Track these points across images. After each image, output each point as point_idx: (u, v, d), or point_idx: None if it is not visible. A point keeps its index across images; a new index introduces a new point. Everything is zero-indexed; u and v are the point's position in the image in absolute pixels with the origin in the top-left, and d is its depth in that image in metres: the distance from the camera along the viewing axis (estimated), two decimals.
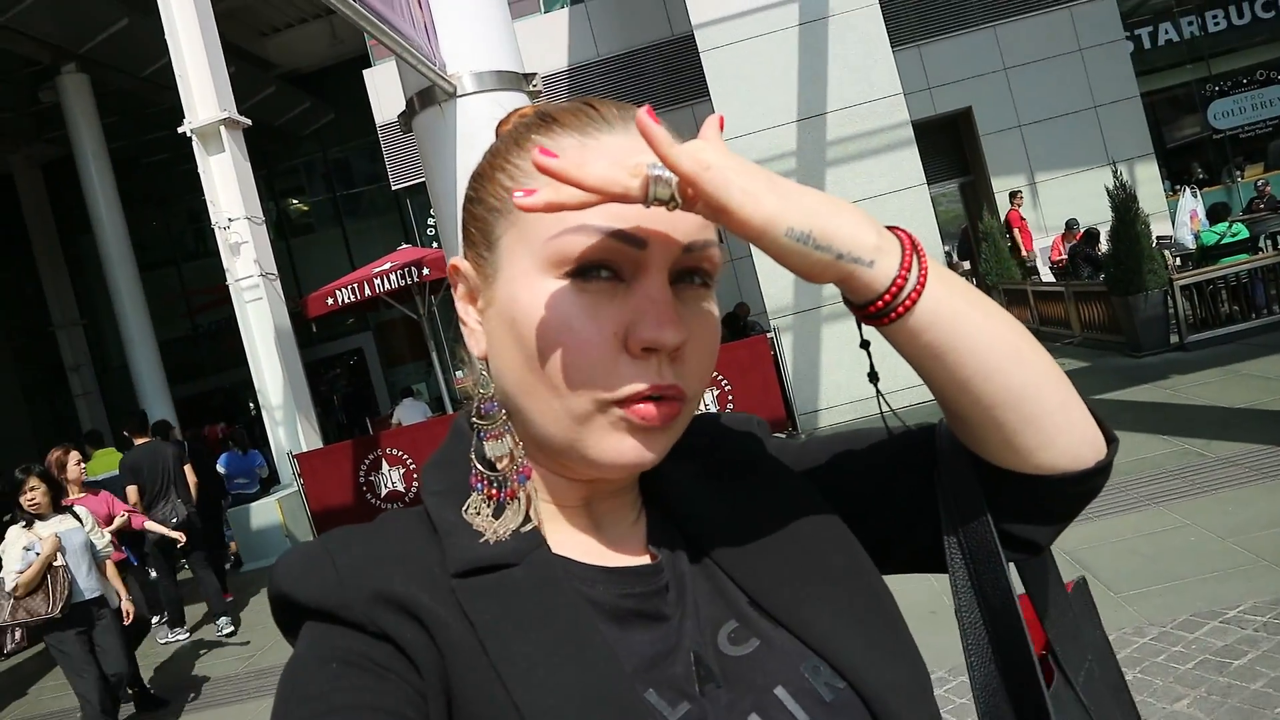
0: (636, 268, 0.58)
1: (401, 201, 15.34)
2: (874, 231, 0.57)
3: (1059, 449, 0.63)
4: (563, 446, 0.60)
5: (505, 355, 0.61)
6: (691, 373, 0.60)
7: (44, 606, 4.61)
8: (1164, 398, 6.80)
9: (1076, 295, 9.78)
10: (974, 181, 14.59)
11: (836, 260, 0.55)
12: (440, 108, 4.68)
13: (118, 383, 17.51)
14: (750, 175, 0.53)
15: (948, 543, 0.70)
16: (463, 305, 0.66)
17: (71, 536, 4.89)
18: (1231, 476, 4.85)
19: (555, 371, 0.58)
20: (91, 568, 4.96)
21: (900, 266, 0.57)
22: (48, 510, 4.91)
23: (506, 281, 0.61)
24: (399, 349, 18.45)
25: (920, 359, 0.61)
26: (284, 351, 10.75)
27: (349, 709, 0.53)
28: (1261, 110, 15.71)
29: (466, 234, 0.66)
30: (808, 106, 8.75)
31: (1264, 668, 3.07)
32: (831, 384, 8.85)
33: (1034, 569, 0.76)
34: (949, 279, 0.61)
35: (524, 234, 0.60)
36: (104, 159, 14.59)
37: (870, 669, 0.61)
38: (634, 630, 0.62)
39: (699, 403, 0.63)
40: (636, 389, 0.57)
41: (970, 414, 0.63)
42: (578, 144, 0.60)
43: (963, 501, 0.69)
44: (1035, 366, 0.62)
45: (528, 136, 0.63)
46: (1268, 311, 8.32)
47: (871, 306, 0.58)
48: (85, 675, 4.76)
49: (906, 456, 0.73)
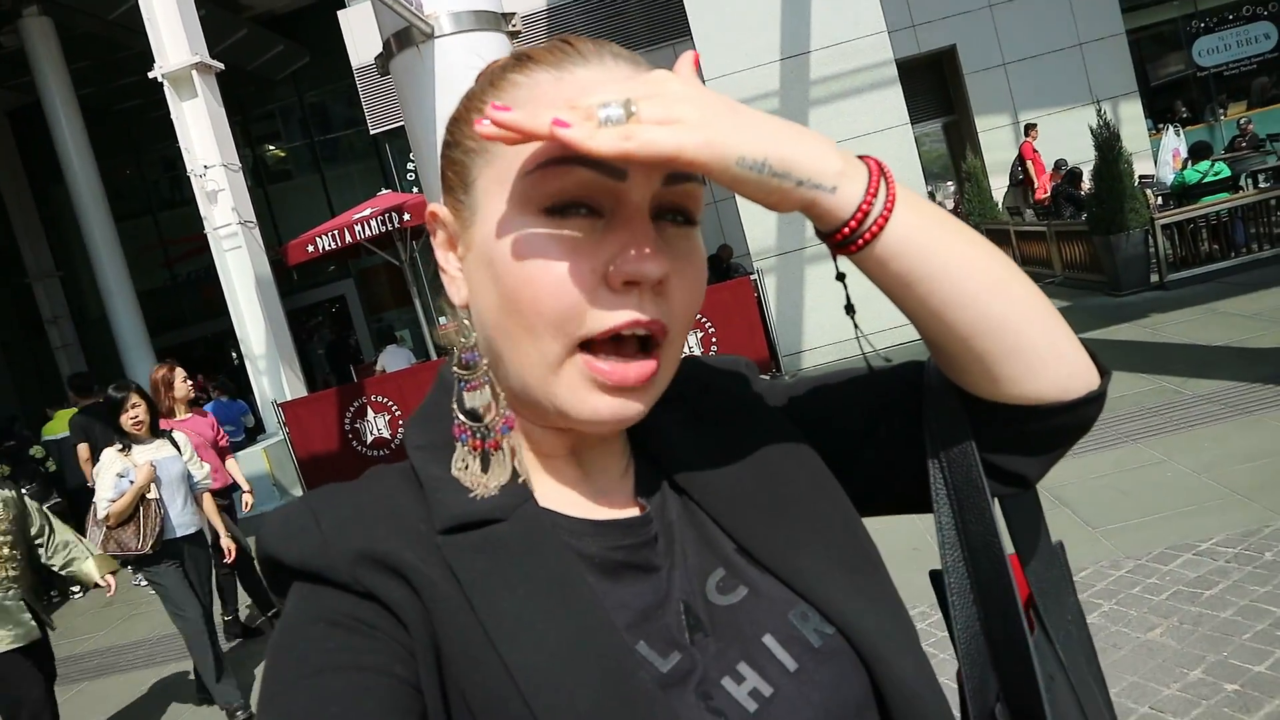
0: (616, 202, 0.57)
1: (380, 146, 15.09)
2: (838, 158, 0.56)
3: (1044, 380, 0.62)
4: (539, 398, 0.60)
5: (484, 300, 0.61)
6: (675, 308, 0.59)
7: (134, 541, 4.23)
8: (1144, 336, 6.87)
9: (1058, 234, 9.79)
10: (958, 121, 14.48)
11: (797, 187, 0.55)
12: (418, 49, 4.57)
13: (98, 335, 17.30)
14: (703, 106, 0.52)
15: (933, 478, 0.70)
16: (442, 253, 0.65)
17: (168, 466, 4.44)
18: (1208, 413, 4.93)
19: (531, 311, 0.57)
20: (188, 500, 4.53)
21: (866, 192, 0.56)
22: (146, 434, 4.44)
23: (483, 223, 0.60)
24: (381, 296, 18.32)
25: (893, 288, 0.61)
26: (265, 300, 10.67)
27: (337, 668, 0.53)
28: (1246, 47, 15.59)
29: (445, 179, 0.65)
30: (791, 45, 8.63)
31: (1233, 597, 3.16)
32: (815, 325, 8.88)
33: (1022, 519, 0.75)
34: (921, 206, 0.59)
35: (500, 174, 0.59)
36: (73, 106, 14.23)
37: (858, 614, 0.61)
38: (624, 583, 0.61)
39: (683, 343, 0.62)
40: (620, 319, 0.56)
41: (950, 345, 0.63)
42: (553, 78, 0.59)
43: (948, 435, 0.68)
44: (1015, 295, 0.61)
45: (503, 75, 0.62)
46: (1247, 250, 8.37)
47: (838, 234, 0.57)
48: (186, 612, 4.35)
49: (893, 394, 0.73)
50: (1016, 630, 0.67)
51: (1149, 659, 2.94)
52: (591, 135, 0.50)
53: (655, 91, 0.52)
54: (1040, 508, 0.76)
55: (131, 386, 4.43)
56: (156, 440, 4.51)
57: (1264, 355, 5.66)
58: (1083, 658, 0.76)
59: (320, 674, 0.53)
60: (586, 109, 0.51)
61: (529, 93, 0.59)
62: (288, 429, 8.98)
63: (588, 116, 0.51)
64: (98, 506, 4.23)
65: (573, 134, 0.50)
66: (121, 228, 15.00)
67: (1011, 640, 0.67)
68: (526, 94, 0.59)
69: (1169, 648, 2.97)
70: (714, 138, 0.52)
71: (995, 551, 0.68)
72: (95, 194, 14.21)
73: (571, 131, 0.50)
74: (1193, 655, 2.90)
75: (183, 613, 4.35)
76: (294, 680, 0.53)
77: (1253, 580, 3.23)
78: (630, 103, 0.51)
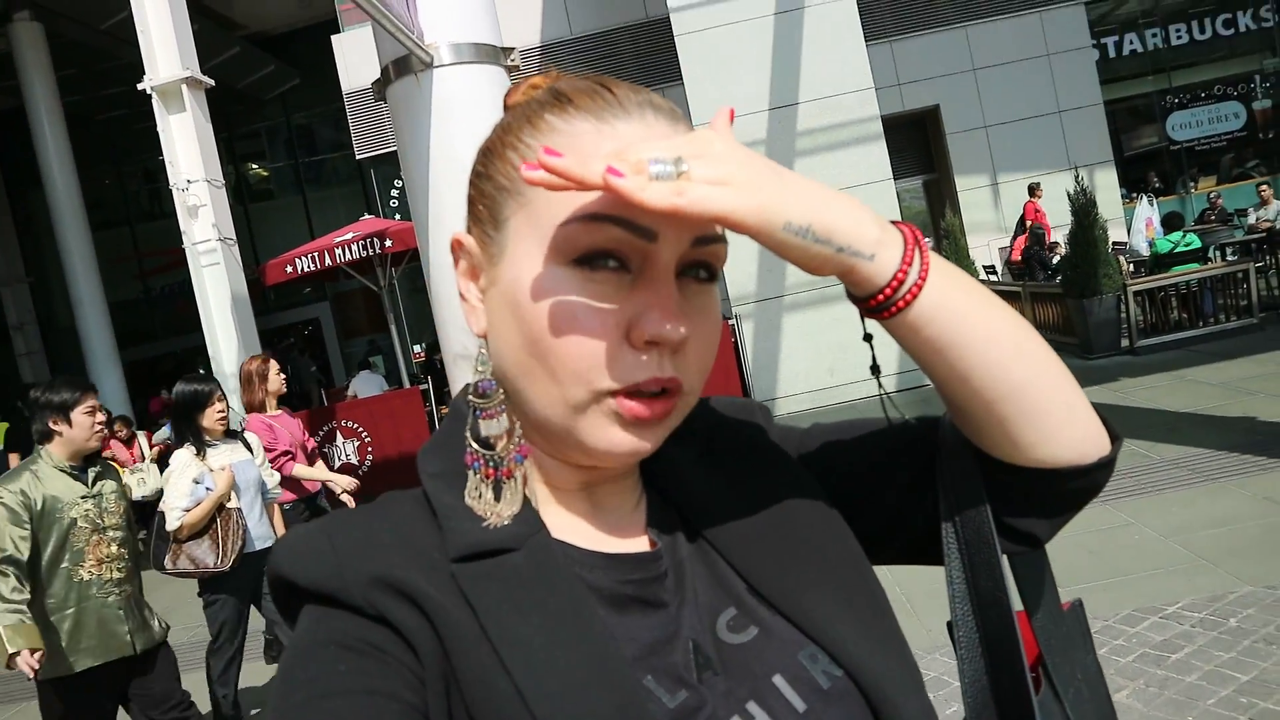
0: (644, 259, 0.57)
1: (365, 171, 15.11)
2: (876, 225, 0.57)
3: (1060, 443, 0.64)
4: (559, 432, 0.60)
5: (506, 336, 0.61)
6: (692, 366, 0.60)
7: (212, 557, 3.72)
8: (1114, 399, 6.98)
9: (1033, 295, 9.96)
10: (938, 179, 14.76)
11: (837, 254, 0.56)
12: (416, 77, 4.60)
13: (64, 343, 17.04)
14: (750, 168, 0.53)
15: (945, 532, 0.70)
16: (464, 281, 0.65)
17: (244, 470, 3.93)
18: (1175, 478, 5.00)
19: (556, 359, 0.57)
20: (263, 512, 4.02)
21: (902, 260, 0.58)
22: (220, 435, 3.96)
23: (512, 263, 0.60)
24: (357, 320, 18.22)
25: (922, 353, 0.62)
26: (240, 319, 10.56)
27: (346, 692, 0.53)
28: (1217, 124, 16.09)
29: (472, 209, 0.65)
30: (780, 95, 8.78)
31: (1198, 661, 3.18)
32: (790, 372, 8.93)
33: (1030, 578, 0.76)
34: (951, 274, 0.61)
35: (533, 217, 0.59)
36: (57, 113, 14.15)
37: (867, 658, 0.62)
38: (632, 616, 0.62)
39: (696, 397, 0.63)
40: (637, 381, 0.57)
41: (972, 408, 0.64)
42: (593, 129, 0.59)
43: (962, 492, 0.69)
44: (1037, 361, 0.63)
45: (541, 115, 0.61)
46: (1214, 320, 8.56)
47: (872, 300, 0.59)
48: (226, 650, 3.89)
49: (908, 446, 0.74)
50: (1022, 688, 0.67)
51: None
52: (644, 187, 0.50)
53: (703, 151, 0.53)
54: (1048, 565, 0.77)
55: (214, 380, 3.99)
56: (230, 442, 4.00)
57: (1229, 424, 5.76)
58: (1095, 717, 0.75)
59: (330, 697, 0.53)
60: (637, 162, 0.51)
61: (568, 140, 0.58)
62: None
63: (638, 170, 0.51)
64: (168, 517, 3.71)
65: (626, 184, 0.50)
66: (97, 237, 14.86)
67: (1018, 697, 0.68)
68: (566, 142, 0.58)
69: (1135, 710, 2.98)
70: (765, 201, 0.53)
71: (1004, 608, 0.68)
72: (73, 201, 14.08)
73: (625, 182, 0.50)
74: (1158, 719, 2.91)
75: (222, 650, 3.92)
76: (304, 703, 0.53)
77: (1217, 646, 3.25)
78: (681, 160, 0.52)
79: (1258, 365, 7.17)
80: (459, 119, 4.62)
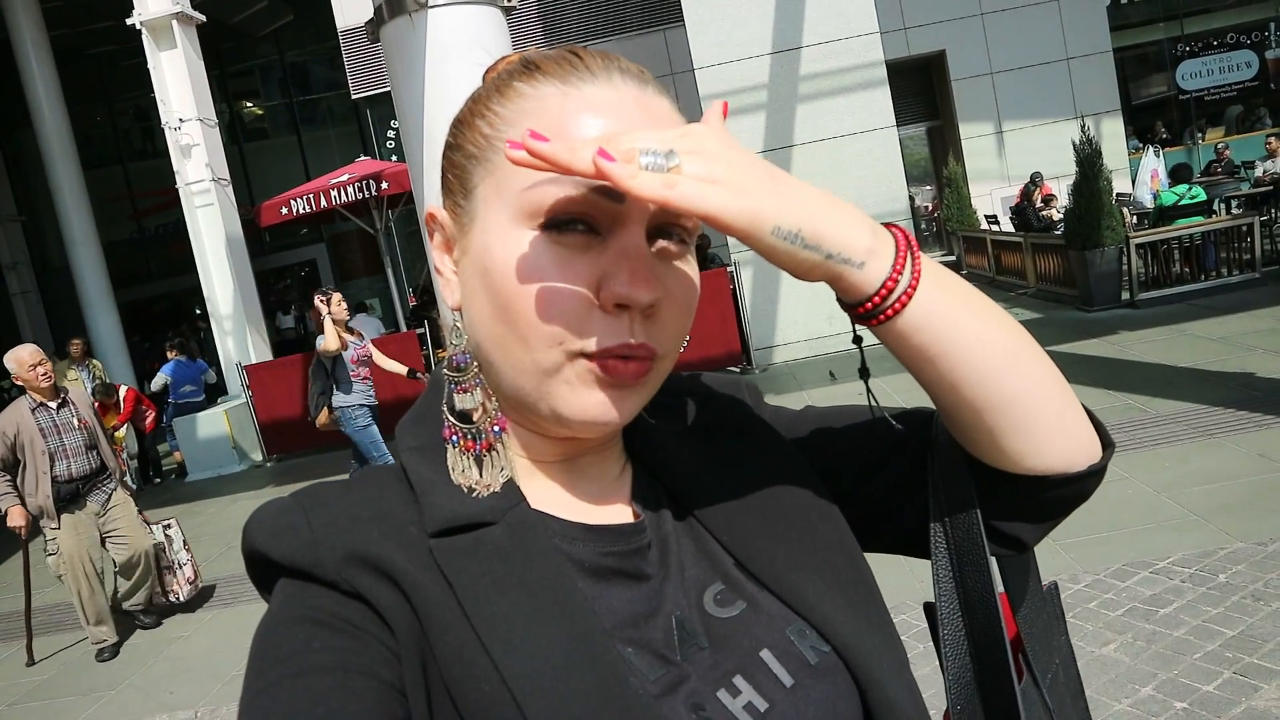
0: (613, 221, 0.57)
1: (361, 111, 14.91)
2: (868, 232, 0.56)
3: (1049, 454, 0.64)
4: (532, 400, 0.60)
5: (477, 306, 0.61)
6: (665, 332, 0.59)
7: None
8: (1112, 353, 6.97)
9: (1034, 247, 9.90)
10: (942, 127, 14.58)
11: (825, 260, 0.55)
12: (410, 18, 4.48)
13: (58, 283, 16.93)
14: (742, 169, 0.52)
15: (933, 531, 0.71)
16: (439, 254, 0.65)
17: None
18: (1170, 433, 5.01)
19: (525, 324, 0.57)
20: None
21: (892, 269, 0.57)
22: None
23: (481, 231, 0.60)
24: (353, 262, 18.13)
25: (912, 360, 0.61)
26: (235, 260, 10.51)
27: (323, 669, 0.53)
28: (1227, 74, 15.85)
29: (445, 181, 0.65)
30: (783, 39, 8.62)
31: (1187, 616, 3.22)
32: (789, 320, 8.91)
33: (1015, 564, 0.77)
34: (945, 281, 0.60)
35: (500, 183, 0.59)
36: (44, 47, 13.82)
37: (855, 635, 0.62)
38: (614, 588, 0.61)
39: (672, 362, 0.63)
40: (605, 345, 0.56)
41: (961, 415, 0.64)
42: (559, 92, 0.59)
43: (953, 493, 0.70)
44: (1031, 372, 0.62)
45: (509, 83, 0.61)
46: (1216, 274, 8.52)
47: (860, 307, 0.58)
48: None
49: (901, 443, 0.74)
50: (1006, 683, 0.69)
51: (1102, 674, 2.99)
52: (633, 175, 0.50)
53: (696, 148, 0.52)
54: (1033, 558, 0.78)
55: None
56: None
57: (1227, 379, 5.76)
58: (1069, 696, 0.78)
59: (305, 675, 0.52)
60: (628, 151, 0.51)
61: (535, 104, 0.59)
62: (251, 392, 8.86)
63: (629, 159, 0.50)
64: None
65: (615, 169, 0.49)
66: (89, 176, 14.64)
67: (1001, 691, 0.69)
68: (533, 105, 0.59)
69: (1122, 663, 3.02)
70: (754, 204, 0.52)
71: (991, 609, 0.69)
72: (63, 139, 13.83)
73: (614, 167, 0.49)
74: (1144, 672, 2.95)
75: None
76: (278, 680, 0.52)
77: (1206, 601, 3.29)
78: (672, 154, 0.51)
79: (1257, 320, 7.16)
80: (454, 61, 4.52)
